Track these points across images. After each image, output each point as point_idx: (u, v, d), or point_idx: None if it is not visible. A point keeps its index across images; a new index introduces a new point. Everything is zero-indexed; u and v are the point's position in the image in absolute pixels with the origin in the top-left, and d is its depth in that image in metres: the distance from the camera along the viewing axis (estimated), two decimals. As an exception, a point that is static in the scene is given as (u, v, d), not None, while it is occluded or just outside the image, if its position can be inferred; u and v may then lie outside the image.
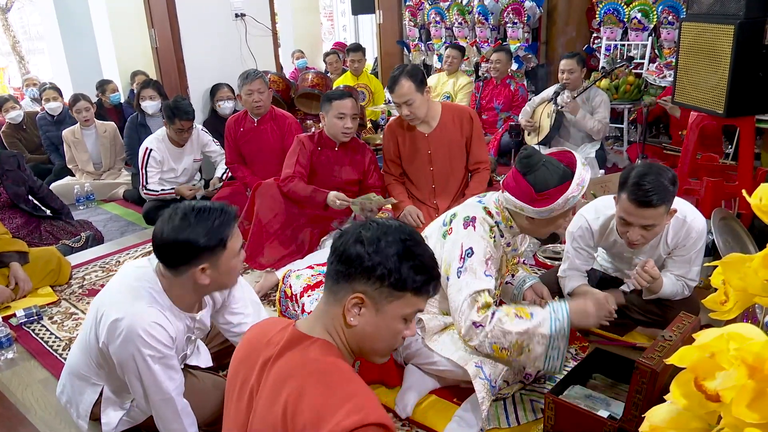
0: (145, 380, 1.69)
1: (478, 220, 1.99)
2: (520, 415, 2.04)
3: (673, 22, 4.87)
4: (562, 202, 1.85)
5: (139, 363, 1.66)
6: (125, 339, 1.64)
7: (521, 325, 1.84)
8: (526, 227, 2.01)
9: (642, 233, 2.10)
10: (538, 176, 1.87)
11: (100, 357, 1.80)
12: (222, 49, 4.88)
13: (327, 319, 1.22)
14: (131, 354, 1.65)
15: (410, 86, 2.95)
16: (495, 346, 1.87)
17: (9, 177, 3.50)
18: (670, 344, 1.66)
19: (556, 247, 3.29)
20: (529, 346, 1.86)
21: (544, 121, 4.67)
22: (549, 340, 1.85)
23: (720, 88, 2.90)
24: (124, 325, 1.64)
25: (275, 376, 1.15)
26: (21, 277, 3.03)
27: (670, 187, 2.03)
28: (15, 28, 11.17)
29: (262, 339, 1.25)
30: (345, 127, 3.16)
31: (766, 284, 0.83)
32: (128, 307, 1.67)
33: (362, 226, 1.22)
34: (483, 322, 1.87)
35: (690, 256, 2.26)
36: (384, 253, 1.16)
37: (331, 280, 1.21)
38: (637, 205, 2.03)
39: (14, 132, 5.30)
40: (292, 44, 8.57)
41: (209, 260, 1.65)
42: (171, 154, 4.15)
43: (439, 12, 6.54)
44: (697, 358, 0.77)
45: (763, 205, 0.86)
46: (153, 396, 1.71)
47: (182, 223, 1.61)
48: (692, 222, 2.22)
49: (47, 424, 2.17)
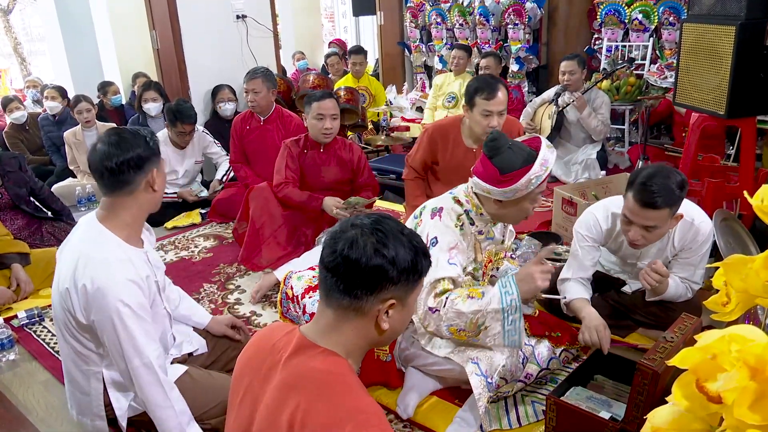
0: (123, 342, 1.69)
1: (445, 210, 2.02)
2: (521, 416, 2.04)
3: (674, 23, 4.87)
4: (525, 182, 1.87)
5: (117, 322, 1.68)
6: (100, 302, 1.67)
7: (473, 305, 1.87)
8: (495, 212, 2.03)
9: (643, 233, 2.10)
10: (503, 158, 1.91)
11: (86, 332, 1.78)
12: (223, 51, 4.89)
13: (341, 335, 1.20)
14: (109, 316, 1.67)
15: (506, 97, 2.80)
16: (452, 329, 1.90)
17: (10, 178, 3.50)
18: (671, 345, 1.66)
19: (558, 248, 3.29)
20: (485, 323, 1.87)
21: (544, 122, 4.67)
22: (502, 314, 1.86)
23: (721, 89, 2.90)
24: (96, 289, 1.67)
25: (280, 384, 1.15)
26: (22, 278, 3.04)
27: (676, 190, 2.02)
28: (16, 30, 11.21)
29: (267, 343, 1.24)
30: (324, 128, 3.16)
31: (767, 285, 0.83)
32: (92, 272, 1.69)
33: (357, 233, 1.18)
34: (438, 307, 1.90)
35: (696, 258, 2.26)
36: (401, 256, 1.17)
37: (345, 297, 1.17)
38: (641, 205, 2.03)
39: (17, 133, 5.31)
40: (292, 46, 8.57)
41: (157, 164, 1.81)
42: (172, 156, 4.16)
43: (440, 13, 6.54)
44: (698, 359, 0.77)
45: (765, 206, 0.86)
46: (132, 360, 1.71)
47: (123, 142, 1.75)
48: (700, 225, 2.22)
49: (48, 426, 2.17)
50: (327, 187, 3.27)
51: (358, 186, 3.36)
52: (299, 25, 8.93)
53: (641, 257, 2.35)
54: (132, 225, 1.82)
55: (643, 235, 2.10)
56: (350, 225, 1.20)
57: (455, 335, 1.91)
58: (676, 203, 2.06)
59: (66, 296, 1.74)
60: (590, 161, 4.45)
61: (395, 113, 6.10)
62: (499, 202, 1.97)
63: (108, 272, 1.69)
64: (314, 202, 3.14)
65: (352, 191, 3.35)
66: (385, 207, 4.27)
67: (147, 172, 1.78)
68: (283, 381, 1.15)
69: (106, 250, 1.74)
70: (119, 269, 1.71)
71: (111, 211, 1.79)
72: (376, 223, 1.19)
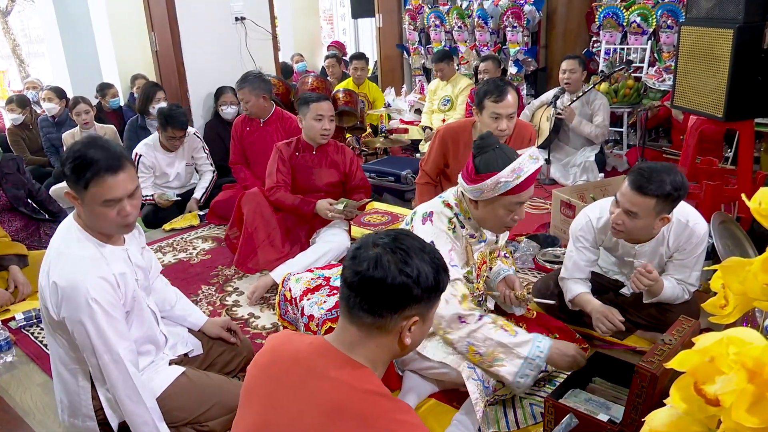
0: (93, 338, 1.67)
1: (435, 213, 2.03)
2: (519, 419, 2.04)
3: (672, 26, 4.88)
4: (491, 183, 1.89)
5: (86, 319, 1.66)
6: (70, 298, 1.65)
7: (503, 337, 1.88)
8: (474, 214, 2.04)
9: (624, 219, 2.13)
10: (484, 158, 1.92)
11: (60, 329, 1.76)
12: (222, 53, 4.89)
13: (369, 350, 1.21)
14: (78, 313, 1.65)
15: (515, 100, 2.82)
16: (471, 348, 1.91)
17: (8, 180, 3.50)
18: (669, 348, 1.66)
19: (556, 250, 3.29)
20: (503, 361, 1.89)
21: (543, 125, 4.68)
22: (522, 363, 1.88)
23: (719, 91, 2.90)
24: (66, 286, 1.65)
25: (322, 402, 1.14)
26: (20, 280, 3.03)
27: (668, 186, 2.03)
28: (15, 31, 11.20)
29: (287, 351, 1.24)
30: (323, 129, 3.17)
31: (765, 288, 0.83)
32: (62, 269, 1.67)
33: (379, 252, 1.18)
34: (468, 319, 1.90)
35: (690, 260, 2.26)
36: (426, 275, 1.18)
37: (368, 316, 1.17)
38: (631, 187, 2.08)
39: (19, 130, 5.31)
40: (291, 48, 8.58)
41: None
42: (162, 160, 4.16)
43: (438, 16, 6.55)
44: (696, 362, 0.77)
45: (763, 209, 0.86)
46: (102, 356, 1.69)
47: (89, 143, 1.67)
48: (694, 226, 2.22)
49: (46, 428, 2.16)
50: (319, 190, 3.27)
51: (351, 188, 3.36)
52: (298, 27, 8.94)
53: (637, 256, 2.35)
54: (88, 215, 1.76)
55: (624, 221, 2.13)
56: (372, 243, 1.20)
57: (470, 354, 1.92)
58: (665, 200, 2.05)
59: (42, 293, 1.73)
60: (588, 164, 4.46)
61: (394, 115, 6.10)
62: (475, 202, 2.00)
63: (78, 269, 1.67)
64: (306, 206, 3.15)
65: (344, 193, 3.36)
66: (384, 209, 4.27)
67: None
68: (326, 399, 1.14)
69: (78, 247, 1.72)
70: (90, 266, 1.69)
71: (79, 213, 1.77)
72: (397, 241, 1.20)
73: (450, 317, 1.91)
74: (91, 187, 1.65)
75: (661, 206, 2.07)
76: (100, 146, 1.67)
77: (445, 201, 2.07)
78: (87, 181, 1.64)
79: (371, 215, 4.17)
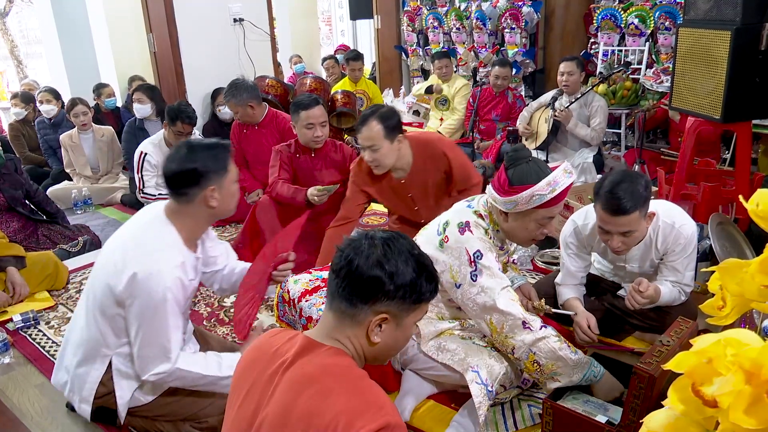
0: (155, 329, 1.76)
1: (472, 224, 2.01)
2: (518, 421, 2.04)
3: (670, 27, 4.88)
4: (526, 196, 1.88)
5: (153, 310, 1.75)
6: (145, 287, 1.73)
7: (566, 354, 1.90)
8: (504, 227, 2.03)
9: (622, 240, 2.12)
10: (517, 170, 1.92)
11: (119, 308, 1.81)
12: (220, 54, 4.89)
13: (342, 337, 1.23)
14: (151, 301, 1.74)
15: (379, 130, 2.60)
16: (531, 356, 1.90)
17: (6, 180, 3.50)
18: (667, 349, 1.66)
19: (554, 251, 3.29)
20: (560, 376, 1.91)
21: (541, 127, 4.68)
22: (578, 379, 1.92)
23: (717, 93, 2.91)
24: (144, 278, 1.73)
25: (290, 381, 1.16)
26: (18, 281, 3.02)
27: (642, 192, 2.04)
28: (13, 32, 11.18)
29: (269, 349, 1.26)
30: (315, 136, 3.17)
31: (763, 290, 0.83)
32: (147, 260, 1.75)
33: (366, 243, 1.21)
34: (532, 326, 1.91)
35: (681, 261, 2.26)
36: (403, 274, 1.20)
37: (344, 302, 1.21)
38: (611, 213, 2.05)
39: (21, 126, 5.32)
40: (290, 49, 8.58)
41: (216, 182, 1.84)
42: None
43: (437, 17, 6.56)
44: (694, 363, 0.78)
45: (760, 210, 0.86)
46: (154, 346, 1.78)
47: (189, 154, 1.82)
48: (681, 228, 2.22)
49: (43, 429, 2.16)
50: None
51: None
52: (296, 28, 8.93)
53: (628, 260, 2.36)
54: (192, 230, 1.90)
55: (623, 241, 2.12)
56: (365, 236, 1.24)
57: (528, 362, 1.92)
58: (644, 204, 2.07)
59: (113, 273, 1.78)
60: (587, 165, 4.46)
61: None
62: (505, 214, 1.98)
63: (162, 265, 1.76)
64: (299, 194, 3.16)
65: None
66: (382, 210, 4.26)
67: (203, 188, 1.82)
68: (293, 378, 1.16)
69: (165, 244, 1.81)
70: (172, 264, 1.78)
71: (176, 211, 1.87)
72: (387, 240, 1.23)
73: (515, 324, 1.91)
74: (229, 167, 1.88)
75: (644, 210, 2.09)
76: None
77: (477, 211, 2.05)
78: (226, 163, 1.87)
79: (369, 216, 4.17)
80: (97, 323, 1.86)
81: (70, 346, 1.97)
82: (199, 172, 1.80)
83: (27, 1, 11.04)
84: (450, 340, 2.06)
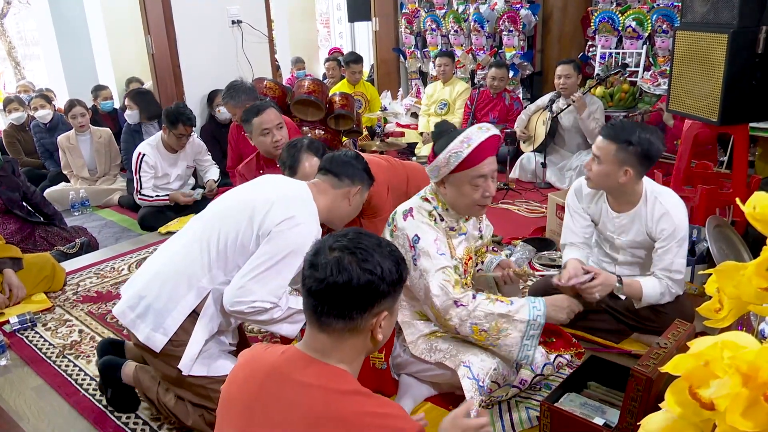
0: (277, 265, 1.85)
1: (415, 208, 2.07)
2: (515, 422, 2.04)
3: (668, 30, 4.89)
4: (443, 159, 1.96)
5: (282, 256, 1.85)
6: (293, 233, 1.85)
7: (502, 308, 1.94)
8: (447, 200, 2.08)
9: (592, 164, 2.29)
10: (440, 142, 2.01)
11: (246, 242, 1.88)
12: (218, 56, 4.89)
13: (343, 352, 1.21)
14: (287, 247, 1.85)
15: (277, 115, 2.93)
16: (475, 327, 1.94)
17: (3, 182, 3.49)
18: (665, 352, 1.66)
19: (552, 254, 3.30)
20: (507, 329, 1.93)
21: (539, 129, 4.69)
22: (526, 326, 1.93)
23: (714, 96, 2.91)
24: (297, 223, 1.87)
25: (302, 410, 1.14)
26: (15, 283, 3.02)
27: (631, 136, 2.17)
28: (11, 34, 11.17)
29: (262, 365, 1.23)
30: (274, 141, 3.02)
31: (760, 292, 0.83)
32: (303, 211, 1.92)
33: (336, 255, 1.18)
34: (465, 302, 1.94)
35: (671, 246, 2.27)
36: (388, 270, 1.19)
37: (340, 321, 1.17)
38: (601, 133, 2.29)
39: (16, 132, 5.30)
40: (288, 51, 8.58)
41: (361, 184, 2.11)
42: (165, 160, 4.16)
43: (435, 20, 6.56)
44: (691, 366, 0.78)
45: (757, 213, 0.86)
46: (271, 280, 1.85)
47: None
48: (672, 210, 2.26)
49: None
50: None
51: None
52: (294, 30, 8.95)
53: (617, 231, 2.41)
54: (328, 212, 2.06)
55: (591, 166, 2.29)
56: (328, 248, 1.19)
57: (475, 334, 1.95)
58: (626, 149, 2.18)
59: (263, 211, 1.88)
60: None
61: (390, 119, 6.11)
62: (443, 186, 2.04)
63: (313, 219, 1.93)
64: None
65: None
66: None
67: (355, 185, 2.10)
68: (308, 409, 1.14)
69: (314, 213, 1.97)
70: (317, 227, 1.94)
71: (321, 191, 2.05)
72: (353, 241, 1.20)
73: (447, 305, 1.94)
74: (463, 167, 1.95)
75: (623, 155, 2.19)
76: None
77: (423, 196, 2.12)
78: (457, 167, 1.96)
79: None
80: (208, 254, 1.91)
81: (151, 276, 1.97)
82: (360, 171, 2.12)
83: (25, 3, 11.03)
84: (441, 340, 2.08)
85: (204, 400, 1.96)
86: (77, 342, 2.70)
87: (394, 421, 1.14)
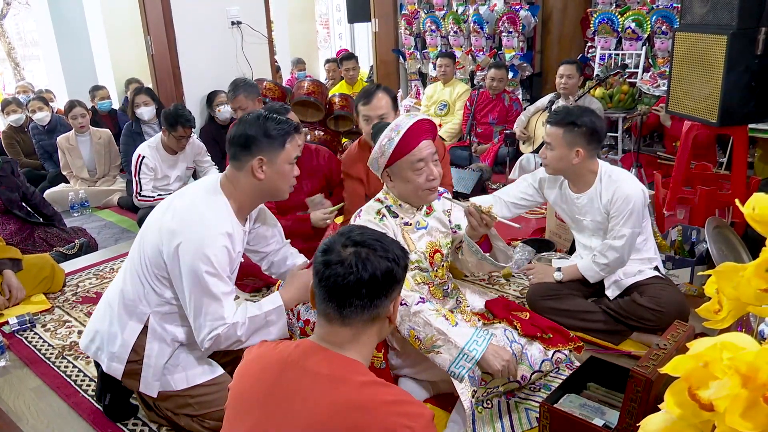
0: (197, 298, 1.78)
1: (364, 209, 2.13)
2: (515, 423, 2.04)
3: (667, 31, 4.90)
4: (378, 150, 2.01)
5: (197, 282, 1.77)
6: (188, 256, 1.76)
7: (442, 325, 1.91)
8: (399, 194, 2.10)
9: (546, 152, 2.43)
10: (375, 138, 2.08)
11: (161, 268, 1.84)
12: (218, 57, 4.89)
13: (362, 343, 1.25)
14: (192, 271, 1.76)
15: (388, 101, 2.84)
16: (412, 332, 1.93)
17: (3, 183, 3.49)
18: (664, 353, 1.66)
19: (552, 255, 3.29)
20: (440, 348, 1.90)
21: (538, 130, 4.69)
22: (458, 353, 1.88)
23: (713, 97, 2.92)
24: (183, 244, 1.76)
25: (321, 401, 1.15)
26: (14, 284, 3.01)
27: (571, 118, 2.33)
28: (10, 35, 11.17)
29: (274, 357, 1.25)
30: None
31: (759, 293, 0.83)
32: (191, 223, 1.79)
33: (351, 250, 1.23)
34: (407, 301, 1.94)
35: (619, 218, 2.38)
36: (398, 254, 1.26)
37: (365, 312, 1.22)
38: (547, 122, 2.43)
39: (14, 134, 5.29)
40: (287, 52, 8.59)
41: (267, 153, 1.84)
42: (164, 162, 4.15)
43: (434, 21, 6.56)
44: (691, 367, 0.78)
45: (756, 214, 0.86)
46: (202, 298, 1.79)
47: (254, 120, 1.86)
48: (622, 183, 2.39)
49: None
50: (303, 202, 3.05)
51: (336, 185, 3.20)
52: (294, 31, 8.95)
53: (581, 212, 2.54)
54: (242, 201, 1.90)
55: (546, 153, 2.43)
56: (341, 245, 1.24)
57: (411, 339, 1.95)
58: (572, 131, 2.34)
59: (161, 240, 1.81)
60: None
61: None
62: (390, 180, 2.08)
63: (210, 230, 1.78)
64: (302, 225, 2.94)
65: (332, 197, 3.17)
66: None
67: (253, 155, 1.83)
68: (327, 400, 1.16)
69: (214, 211, 1.83)
70: (219, 231, 1.79)
71: (230, 180, 1.89)
72: (360, 236, 1.26)
73: None
74: (287, 145, 1.87)
75: (570, 137, 2.35)
76: None
77: (377, 197, 2.16)
78: (284, 140, 1.87)
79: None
80: (140, 280, 1.88)
81: (104, 306, 1.99)
82: (251, 138, 1.82)
83: (24, 4, 11.03)
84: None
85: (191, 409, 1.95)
86: (76, 343, 2.70)
87: (411, 407, 1.17)
